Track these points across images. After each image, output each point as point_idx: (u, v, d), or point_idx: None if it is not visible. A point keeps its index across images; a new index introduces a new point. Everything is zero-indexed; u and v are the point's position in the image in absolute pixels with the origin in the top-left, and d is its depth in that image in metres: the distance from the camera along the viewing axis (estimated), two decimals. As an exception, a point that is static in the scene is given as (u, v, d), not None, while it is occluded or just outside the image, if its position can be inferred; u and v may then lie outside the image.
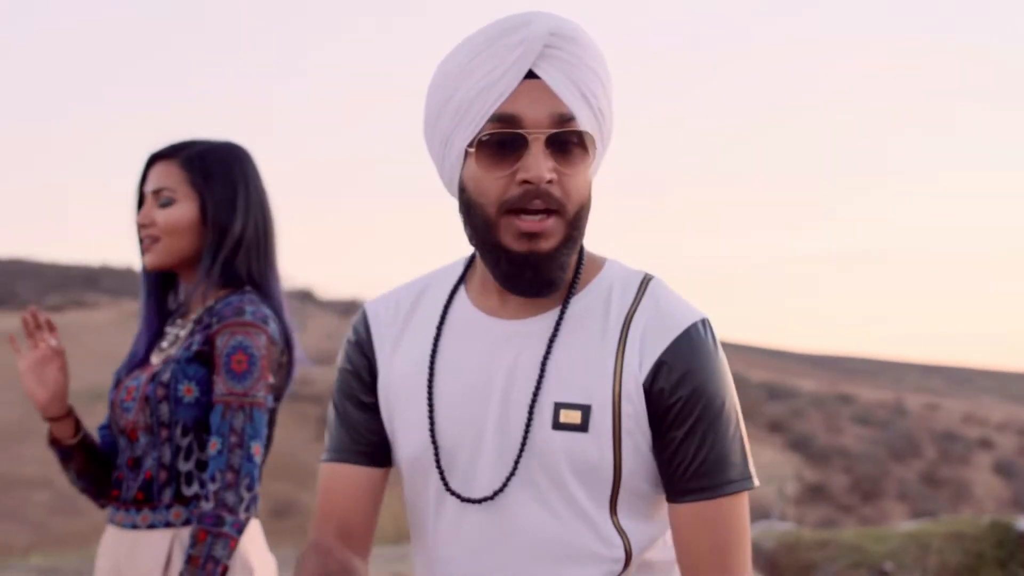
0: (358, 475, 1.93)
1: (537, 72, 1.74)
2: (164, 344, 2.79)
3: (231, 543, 2.55)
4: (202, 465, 2.67)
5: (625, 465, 1.78)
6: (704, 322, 1.80)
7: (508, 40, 1.73)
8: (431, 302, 1.94)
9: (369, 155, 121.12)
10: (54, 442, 2.83)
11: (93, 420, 3.14)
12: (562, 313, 1.82)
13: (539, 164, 1.72)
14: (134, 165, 2.82)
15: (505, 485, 1.80)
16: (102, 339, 42.01)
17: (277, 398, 2.77)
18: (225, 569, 2.54)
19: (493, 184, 1.75)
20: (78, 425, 2.83)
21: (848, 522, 29.70)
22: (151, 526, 2.67)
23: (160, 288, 2.86)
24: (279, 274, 2.82)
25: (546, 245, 1.75)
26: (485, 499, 1.81)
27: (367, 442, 1.94)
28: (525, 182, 1.73)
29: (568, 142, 1.74)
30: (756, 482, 1.81)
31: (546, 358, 1.80)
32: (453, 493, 1.84)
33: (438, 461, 1.85)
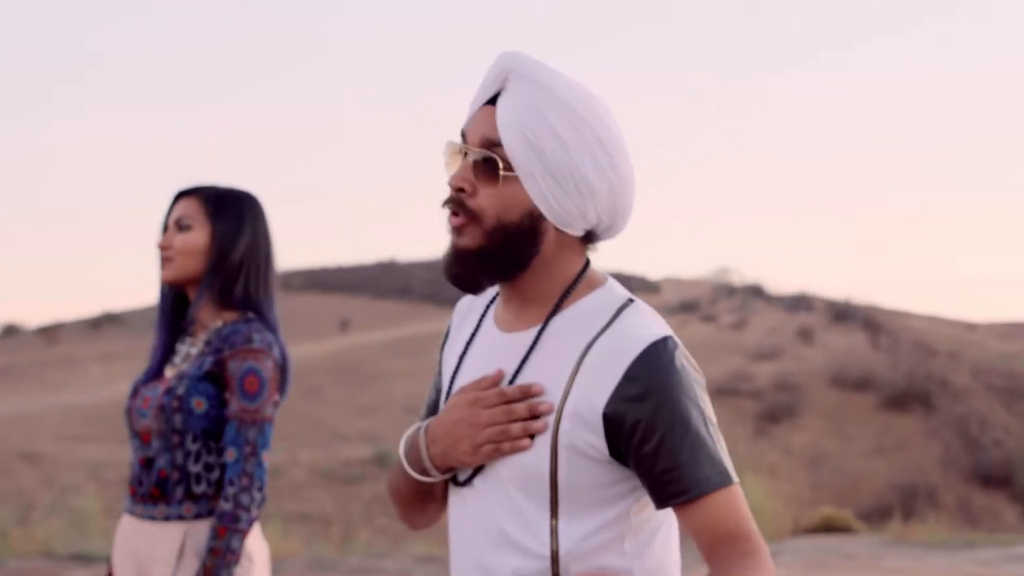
0: None
1: (498, 101, 1.98)
2: (177, 360, 3.27)
3: (244, 536, 3.08)
4: (209, 468, 3.16)
5: (561, 475, 1.95)
6: (665, 340, 1.94)
7: (488, 71, 2.00)
8: (481, 308, 2.18)
9: (831, 154, 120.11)
10: None
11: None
12: (541, 331, 2.01)
13: (457, 174, 1.99)
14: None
15: (472, 476, 2.04)
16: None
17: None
18: (239, 557, 3.07)
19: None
20: None
21: None
22: (167, 518, 3.15)
23: (173, 309, 3.34)
24: (274, 300, 3.31)
25: (462, 242, 1.99)
26: (462, 483, 2.06)
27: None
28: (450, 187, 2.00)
29: (488, 163, 1.97)
30: (734, 479, 1.94)
31: (517, 371, 2.01)
32: (452, 477, 2.10)
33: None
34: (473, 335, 2.14)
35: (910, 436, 42.53)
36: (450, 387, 2.14)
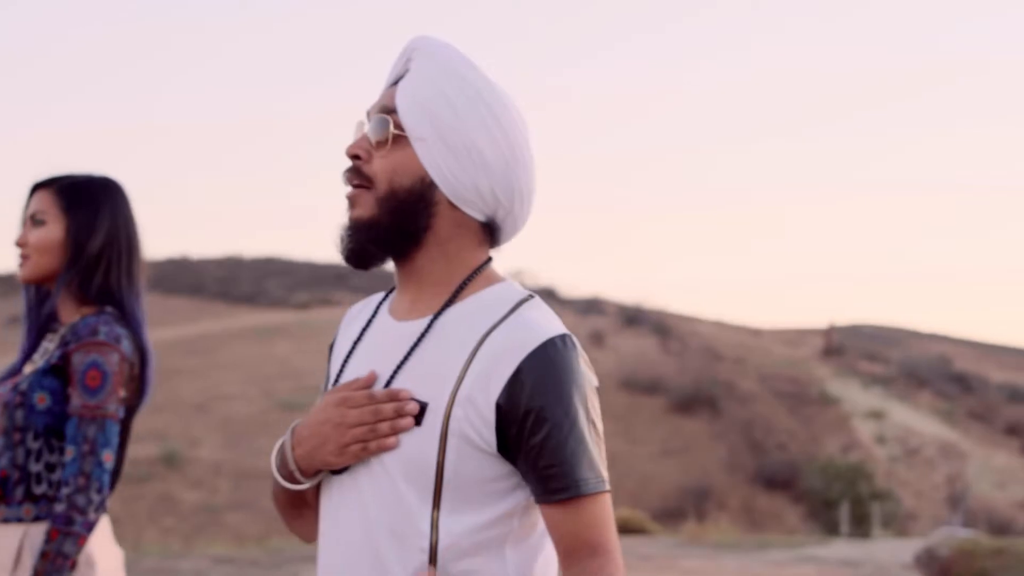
0: None
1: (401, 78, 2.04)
2: (36, 356, 3.11)
3: (80, 540, 2.90)
4: (51, 467, 3.00)
5: (448, 464, 1.91)
6: (562, 338, 1.93)
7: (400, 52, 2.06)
8: (375, 304, 2.15)
9: (628, 156, 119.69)
10: None
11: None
12: (433, 320, 1.98)
13: (354, 143, 2.02)
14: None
15: (351, 464, 1.97)
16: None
17: (131, 409, 3.11)
18: (74, 564, 2.89)
19: None
20: None
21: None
22: (5, 520, 2.99)
23: (39, 307, 3.17)
24: (140, 292, 3.16)
25: (355, 213, 1.99)
26: (339, 472, 1.99)
27: None
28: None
29: (382, 127, 1.99)
30: (608, 486, 1.94)
31: (406, 358, 1.97)
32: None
33: None
34: (366, 327, 2.10)
35: (697, 439, 43.51)
36: (336, 381, 2.08)
